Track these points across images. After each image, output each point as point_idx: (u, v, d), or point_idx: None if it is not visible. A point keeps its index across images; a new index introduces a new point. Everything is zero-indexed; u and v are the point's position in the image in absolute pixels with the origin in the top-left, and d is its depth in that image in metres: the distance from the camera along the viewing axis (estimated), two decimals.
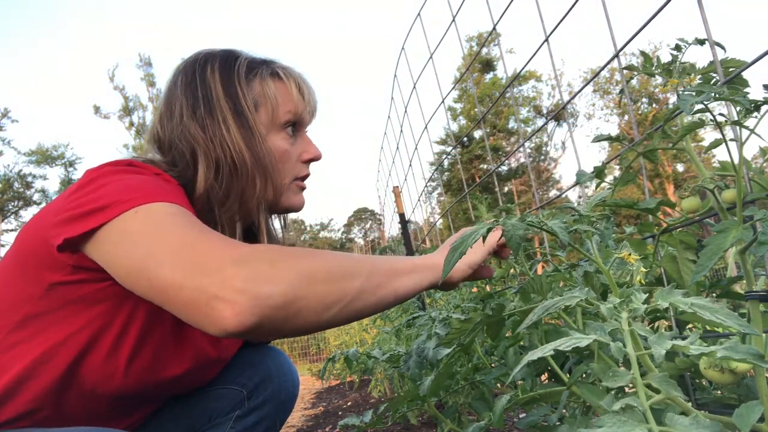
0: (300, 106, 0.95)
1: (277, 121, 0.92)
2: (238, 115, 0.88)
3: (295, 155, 0.96)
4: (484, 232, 0.63)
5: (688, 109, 0.68)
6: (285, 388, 1.14)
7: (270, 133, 0.91)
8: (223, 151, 0.86)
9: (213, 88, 0.89)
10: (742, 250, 0.72)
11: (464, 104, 29.12)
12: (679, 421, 0.43)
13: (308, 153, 0.98)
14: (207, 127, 0.87)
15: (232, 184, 0.87)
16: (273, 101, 0.91)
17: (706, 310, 0.51)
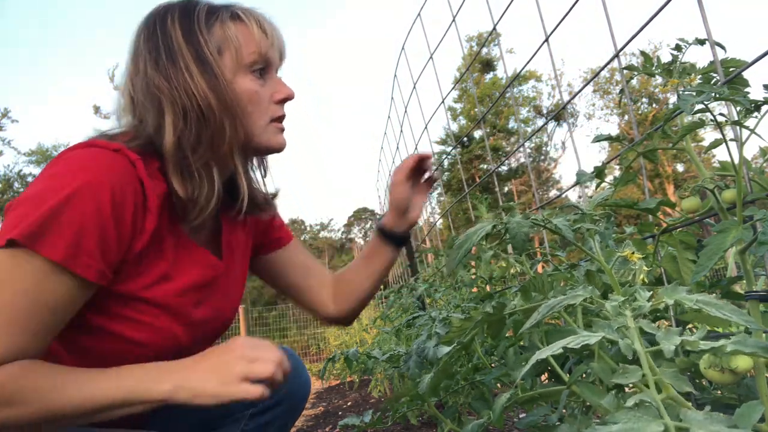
0: (263, 45, 0.93)
1: (242, 62, 0.91)
2: (200, 61, 0.88)
3: (266, 96, 0.95)
4: (488, 229, 0.63)
5: (688, 109, 0.68)
6: (298, 389, 1.14)
7: (237, 76, 0.91)
8: (189, 98, 0.86)
9: (174, 38, 0.88)
10: (742, 250, 0.73)
11: (464, 104, 29.12)
12: (693, 417, 0.43)
13: (280, 93, 0.97)
14: (171, 76, 0.86)
15: (201, 130, 0.87)
16: (235, 43, 0.91)
17: (712, 307, 0.51)
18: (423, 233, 5.00)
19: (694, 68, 0.92)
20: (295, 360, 1.17)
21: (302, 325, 13.62)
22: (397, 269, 5.64)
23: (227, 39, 0.90)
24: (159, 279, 0.87)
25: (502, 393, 0.95)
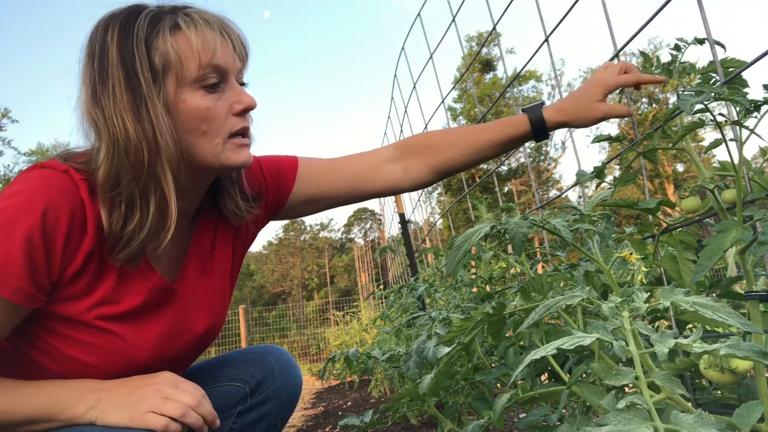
0: (206, 56, 0.83)
1: (187, 79, 0.83)
2: (129, 85, 0.80)
3: (223, 110, 0.87)
4: (487, 230, 0.63)
5: (688, 109, 0.68)
6: (288, 386, 1.13)
7: (183, 95, 0.83)
8: (114, 125, 0.80)
9: (109, 57, 0.82)
10: (742, 250, 0.73)
11: (464, 104, 29.11)
12: (683, 419, 0.43)
13: (239, 103, 0.88)
14: (103, 105, 0.81)
15: (122, 162, 0.80)
16: (175, 59, 0.82)
17: (707, 309, 0.51)
18: (423, 233, 5.00)
19: (693, 68, 0.92)
20: (287, 358, 1.16)
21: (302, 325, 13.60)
22: (397, 269, 5.64)
23: (167, 54, 0.82)
24: (100, 302, 0.85)
25: (502, 393, 0.95)
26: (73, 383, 0.84)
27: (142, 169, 0.81)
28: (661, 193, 22.42)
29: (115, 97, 0.81)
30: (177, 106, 0.83)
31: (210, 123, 0.85)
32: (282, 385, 1.12)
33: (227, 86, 0.88)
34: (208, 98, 0.85)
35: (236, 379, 1.09)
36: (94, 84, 0.82)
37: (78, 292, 0.84)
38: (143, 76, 0.81)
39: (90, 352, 0.86)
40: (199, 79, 0.84)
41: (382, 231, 7.43)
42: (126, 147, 0.80)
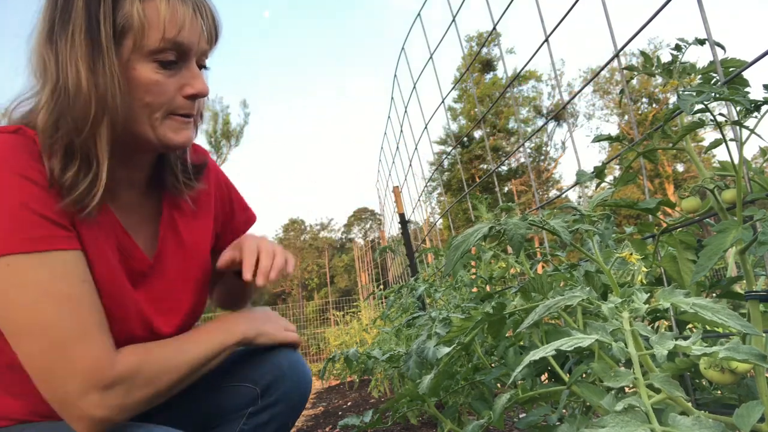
0: (173, 29, 0.80)
1: (144, 48, 0.80)
2: (89, 33, 0.77)
3: (171, 88, 0.84)
4: (486, 230, 0.63)
5: (688, 109, 0.68)
6: (298, 388, 1.13)
7: (136, 62, 0.80)
8: (67, 73, 0.77)
9: (74, 3, 0.78)
10: (742, 250, 0.72)
11: (464, 104, 29.12)
12: (681, 422, 0.43)
13: (191, 87, 0.85)
14: (58, 49, 0.78)
15: (72, 112, 0.77)
16: (137, 25, 0.78)
17: (707, 311, 0.51)
18: (423, 233, 5.00)
19: (694, 68, 0.92)
20: (297, 358, 1.16)
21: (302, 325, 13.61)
22: (397, 269, 5.64)
23: (132, 17, 0.78)
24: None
25: (502, 393, 0.95)
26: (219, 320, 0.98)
27: (86, 124, 0.78)
28: (661, 193, 22.44)
29: (73, 42, 0.77)
30: (127, 71, 0.80)
31: (155, 97, 0.83)
32: (292, 387, 1.12)
33: (185, 66, 0.85)
34: (159, 73, 0.82)
35: (247, 380, 1.09)
36: (53, 22, 0.79)
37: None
38: (105, 31, 0.77)
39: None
40: (156, 51, 0.81)
41: (382, 231, 7.43)
42: (75, 97, 0.77)
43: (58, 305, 0.75)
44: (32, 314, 0.73)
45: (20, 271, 0.73)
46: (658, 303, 0.54)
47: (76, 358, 0.75)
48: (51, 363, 0.74)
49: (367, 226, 47.68)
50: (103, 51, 0.77)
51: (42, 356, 0.74)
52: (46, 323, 0.74)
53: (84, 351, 0.75)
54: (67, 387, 0.74)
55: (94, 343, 0.77)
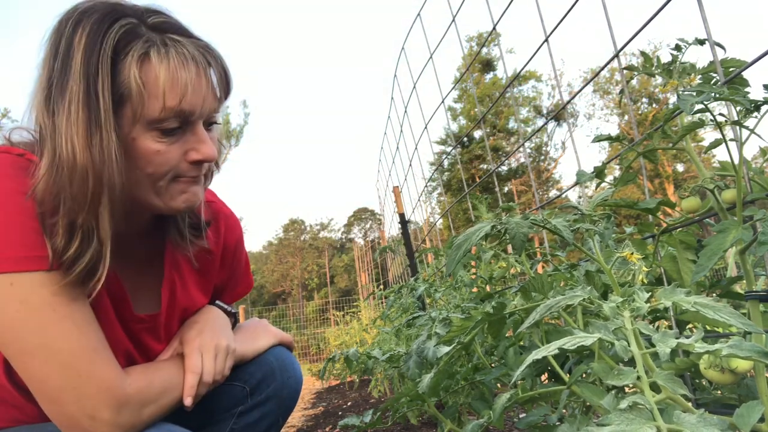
0: (174, 97, 0.75)
1: (144, 118, 0.75)
2: (87, 103, 0.72)
3: (175, 155, 0.79)
4: (487, 229, 0.63)
5: (688, 109, 0.68)
6: (288, 385, 1.13)
7: (136, 132, 0.76)
8: (61, 145, 0.72)
9: (73, 63, 0.72)
10: (742, 250, 0.73)
11: (464, 104, 29.12)
12: (686, 419, 0.43)
13: (197, 153, 0.80)
14: (54, 113, 0.73)
15: (67, 186, 0.73)
16: (137, 92, 0.73)
17: (709, 309, 0.51)
18: (423, 233, 5.00)
19: (694, 68, 0.92)
20: (286, 356, 1.16)
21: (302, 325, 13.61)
22: (397, 269, 5.64)
23: (129, 86, 0.73)
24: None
25: (502, 393, 0.95)
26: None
27: (85, 201, 0.73)
28: (661, 193, 22.44)
29: (69, 114, 0.72)
30: (126, 142, 0.76)
31: (157, 167, 0.78)
32: (282, 384, 1.12)
33: (189, 130, 0.80)
34: (161, 142, 0.77)
35: (236, 379, 1.09)
36: (51, 87, 0.74)
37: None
38: (103, 100, 0.72)
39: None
40: (157, 121, 0.76)
41: (382, 231, 7.43)
42: (71, 173, 0.72)
43: (65, 325, 0.74)
44: (40, 335, 0.72)
45: (25, 289, 0.72)
46: (659, 302, 0.54)
47: (89, 378, 0.74)
48: (63, 384, 0.73)
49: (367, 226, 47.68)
50: (101, 123, 0.72)
51: (52, 377, 0.73)
52: (56, 344, 0.73)
53: (96, 371, 0.75)
54: (80, 407, 0.73)
55: (105, 364, 0.76)
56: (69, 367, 0.73)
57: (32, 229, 0.74)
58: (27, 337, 0.72)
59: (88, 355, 0.75)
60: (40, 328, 0.73)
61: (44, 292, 0.73)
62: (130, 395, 0.78)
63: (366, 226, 47.95)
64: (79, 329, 0.75)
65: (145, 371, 0.85)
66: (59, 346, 0.73)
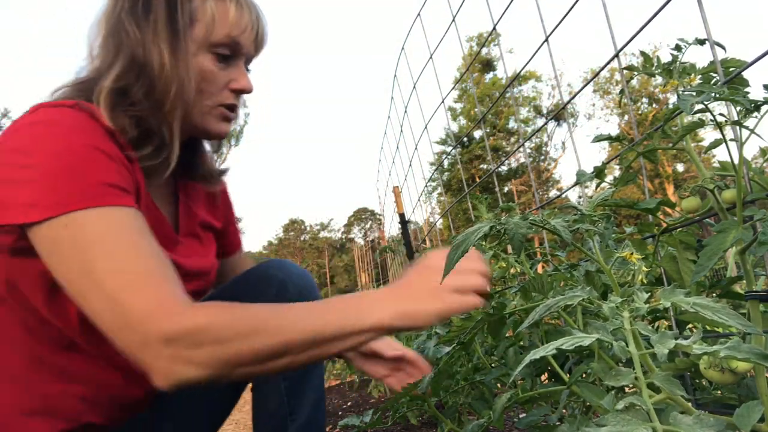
0: (236, 29, 0.90)
1: (210, 40, 0.88)
2: (170, 22, 0.85)
3: (222, 80, 0.92)
4: (486, 229, 0.63)
5: (688, 109, 0.68)
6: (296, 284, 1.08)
7: (199, 51, 0.88)
8: (148, 52, 0.84)
9: None
10: (742, 250, 0.72)
11: (464, 104, 29.12)
12: (682, 420, 0.43)
13: (238, 82, 0.93)
14: (141, 26, 0.85)
15: (150, 88, 0.85)
16: (208, 19, 0.88)
17: (708, 310, 0.51)
18: (423, 233, 5.00)
19: (694, 68, 0.92)
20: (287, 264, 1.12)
21: None
22: (397, 269, 5.64)
23: (203, 12, 0.88)
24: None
25: (502, 393, 0.95)
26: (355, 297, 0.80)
27: (164, 105, 0.85)
28: (661, 193, 22.44)
29: (156, 28, 0.85)
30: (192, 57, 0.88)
31: (207, 84, 0.90)
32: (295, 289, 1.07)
33: (235, 64, 0.93)
34: (215, 64, 0.90)
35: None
36: (135, 7, 0.86)
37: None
38: (182, 20, 0.86)
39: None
40: (216, 45, 0.89)
41: (382, 231, 7.43)
42: (158, 78, 0.84)
43: (111, 259, 0.72)
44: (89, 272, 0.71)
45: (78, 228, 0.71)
46: (659, 302, 0.54)
47: (133, 309, 0.69)
48: (111, 316, 0.70)
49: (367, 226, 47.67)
50: (181, 39, 0.86)
51: (105, 311, 0.70)
52: (102, 277, 0.71)
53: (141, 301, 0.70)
54: (130, 338, 0.69)
55: (154, 292, 0.71)
56: (116, 300, 0.70)
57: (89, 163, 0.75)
58: (81, 276, 0.71)
59: (135, 284, 0.71)
60: (90, 263, 0.71)
61: (96, 229, 0.72)
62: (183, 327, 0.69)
63: (366, 226, 47.96)
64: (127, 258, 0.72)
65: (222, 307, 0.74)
66: (105, 278, 0.70)
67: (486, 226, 0.63)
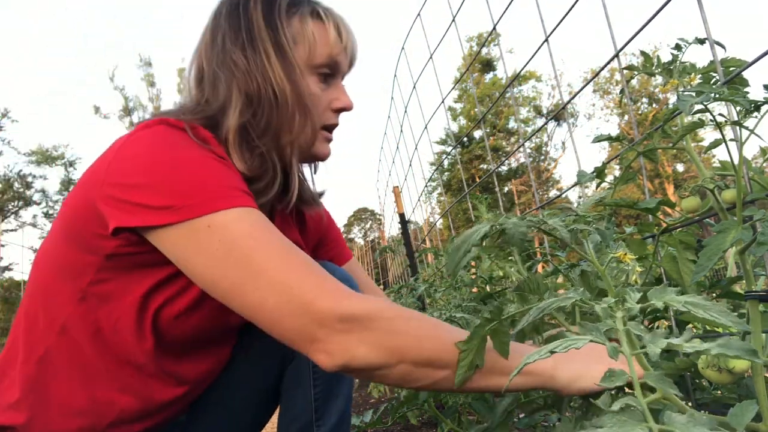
0: (336, 50, 0.91)
1: (312, 62, 0.89)
2: (278, 47, 0.86)
3: (325, 102, 0.92)
4: (486, 230, 0.63)
5: (687, 110, 0.68)
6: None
7: (304, 74, 0.89)
8: (264, 82, 0.84)
9: (255, 20, 0.87)
10: (742, 250, 0.72)
11: (464, 104, 29.12)
12: (676, 419, 0.43)
13: (339, 101, 0.94)
14: (248, 55, 0.85)
15: (271, 117, 0.85)
16: (310, 41, 0.88)
17: (699, 308, 0.51)
18: (423, 233, 5.00)
19: (694, 68, 0.92)
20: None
21: None
22: (397, 269, 5.64)
23: (303, 35, 0.88)
24: None
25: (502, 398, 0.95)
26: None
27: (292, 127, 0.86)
28: (661, 193, 22.44)
29: (267, 55, 0.85)
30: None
31: (313, 107, 0.89)
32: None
33: (334, 82, 0.94)
34: (318, 86, 0.91)
35: None
36: (238, 36, 0.86)
37: None
38: (287, 45, 0.86)
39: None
40: (319, 66, 0.90)
41: (382, 231, 7.43)
42: (272, 105, 0.84)
43: (268, 249, 0.71)
44: (245, 265, 0.70)
45: (221, 228, 0.71)
46: (650, 302, 0.54)
47: (304, 290, 0.69)
48: (278, 299, 0.69)
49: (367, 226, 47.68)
50: (293, 64, 0.86)
51: (267, 299, 0.69)
52: (261, 266, 0.70)
53: (312, 283, 0.69)
54: (300, 320, 0.68)
55: (321, 276, 0.71)
56: (282, 282, 0.69)
57: (219, 169, 0.76)
58: (233, 271, 0.71)
59: (300, 269, 0.71)
60: (244, 257, 0.70)
61: (241, 226, 0.72)
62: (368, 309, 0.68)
63: (366, 226, 47.96)
64: (282, 249, 0.72)
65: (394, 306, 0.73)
66: (265, 266, 0.70)
67: (485, 226, 0.63)
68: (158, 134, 0.78)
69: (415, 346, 0.69)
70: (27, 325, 0.83)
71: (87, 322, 0.82)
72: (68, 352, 0.82)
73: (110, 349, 0.83)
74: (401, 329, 0.70)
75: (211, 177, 0.74)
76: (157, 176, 0.73)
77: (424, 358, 0.70)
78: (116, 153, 0.77)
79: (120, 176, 0.75)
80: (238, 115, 0.83)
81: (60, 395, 0.81)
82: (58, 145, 25.96)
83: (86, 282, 0.80)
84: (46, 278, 0.83)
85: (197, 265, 0.73)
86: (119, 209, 0.73)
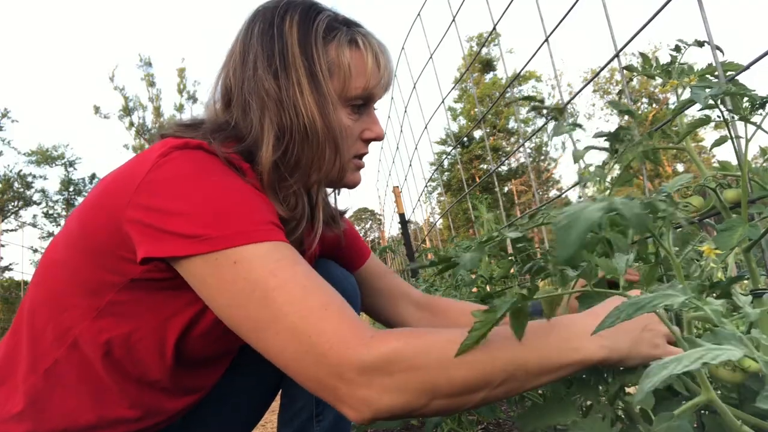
0: (373, 81, 0.86)
1: (347, 95, 0.85)
2: (312, 78, 0.81)
3: (356, 132, 0.89)
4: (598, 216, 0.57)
5: (702, 102, 0.68)
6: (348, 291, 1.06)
7: (336, 107, 0.84)
8: (296, 114, 0.80)
9: (289, 44, 0.82)
10: (747, 248, 0.72)
11: (464, 104, 29.10)
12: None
13: (371, 132, 0.90)
14: (282, 86, 0.81)
15: (301, 153, 0.81)
16: (346, 73, 0.83)
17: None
18: (423, 233, 5.00)
19: (692, 70, 0.91)
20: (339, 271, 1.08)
21: None
22: (397, 269, 5.64)
23: (339, 65, 0.83)
24: None
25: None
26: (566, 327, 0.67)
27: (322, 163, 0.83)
28: None
29: (299, 84, 0.81)
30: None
31: (344, 140, 0.86)
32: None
33: (366, 111, 0.90)
34: (350, 117, 0.87)
35: None
36: (272, 63, 0.81)
37: None
38: (322, 75, 0.82)
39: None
40: (353, 98, 0.86)
41: (382, 231, 7.43)
42: (305, 139, 0.81)
43: (289, 289, 0.67)
44: (266, 306, 0.67)
45: (246, 263, 0.68)
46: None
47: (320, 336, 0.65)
48: (298, 348, 0.65)
49: (367, 226, 47.64)
50: (326, 93, 0.82)
51: (287, 346, 0.66)
52: (282, 310, 0.66)
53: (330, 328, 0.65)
54: (323, 369, 0.64)
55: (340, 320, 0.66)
56: (300, 330, 0.65)
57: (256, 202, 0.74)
58: (255, 311, 0.67)
59: (318, 313, 0.66)
60: (265, 298, 0.67)
61: (266, 263, 0.68)
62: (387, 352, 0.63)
63: (366, 226, 47.93)
64: (304, 289, 0.68)
65: (415, 334, 0.67)
66: (285, 310, 0.66)
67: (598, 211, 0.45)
68: (197, 160, 0.75)
69: (442, 379, 0.63)
70: (33, 333, 0.81)
71: (100, 339, 0.79)
72: (78, 367, 0.80)
73: (122, 367, 0.81)
74: (423, 364, 0.63)
75: (248, 209, 0.72)
76: (193, 204, 0.70)
77: (456, 388, 0.63)
78: (147, 174, 0.72)
79: (151, 199, 0.71)
80: (271, 151, 0.80)
81: (66, 409, 0.79)
82: (58, 145, 25.93)
83: (105, 301, 0.78)
84: (58, 289, 0.80)
85: (217, 300, 0.70)
86: (149, 236, 0.70)
